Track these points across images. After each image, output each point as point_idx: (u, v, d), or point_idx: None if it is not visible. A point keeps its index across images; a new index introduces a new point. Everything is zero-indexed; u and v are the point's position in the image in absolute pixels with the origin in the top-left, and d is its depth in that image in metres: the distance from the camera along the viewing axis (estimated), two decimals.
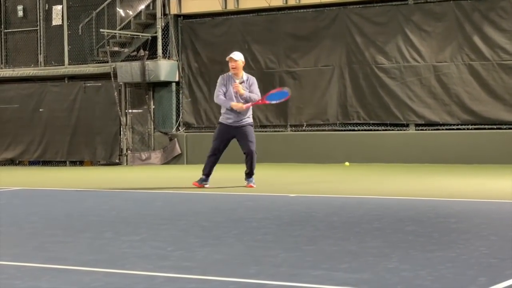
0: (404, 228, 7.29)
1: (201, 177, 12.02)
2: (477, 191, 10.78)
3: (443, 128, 16.81)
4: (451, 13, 16.69)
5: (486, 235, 6.68)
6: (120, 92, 20.00)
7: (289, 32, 18.46)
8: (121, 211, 9.25)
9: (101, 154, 20.23)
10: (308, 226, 7.56)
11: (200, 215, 8.61)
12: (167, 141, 19.51)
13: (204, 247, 6.38)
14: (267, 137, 18.58)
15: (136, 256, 6.03)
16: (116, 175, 16.38)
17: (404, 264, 5.46)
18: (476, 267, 5.29)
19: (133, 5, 20.52)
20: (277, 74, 18.62)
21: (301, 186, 12.15)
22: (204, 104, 19.45)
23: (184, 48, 19.70)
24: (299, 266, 5.48)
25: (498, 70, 16.28)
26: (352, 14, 17.75)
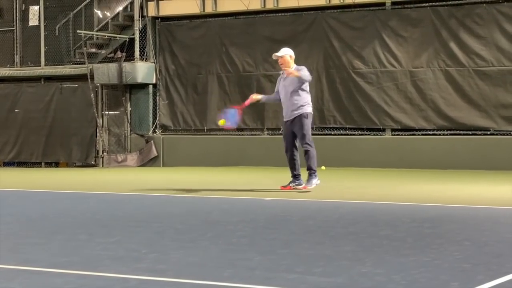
0: (379, 232, 7.32)
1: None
2: (452, 197, 10.84)
3: (418, 133, 16.90)
4: (428, 19, 16.78)
5: (460, 240, 6.72)
6: (97, 94, 19.91)
7: (267, 36, 18.48)
8: (95, 213, 9.20)
9: (76, 155, 20.13)
10: (284, 229, 7.57)
11: (175, 218, 8.59)
12: (144, 143, 19.46)
13: (178, 249, 6.37)
14: (244, 140, 18.58)
15: (110, 258, 6.00)
16: (92, 176, 16.31)
17: (378, 268, 5.47)
18: (449, 271, 5.32)
19: (111, 7, 20.45)
20: (254, 77, 18.63)
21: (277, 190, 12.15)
22: (181, 106, 19.42)
23: (161, 50, 19.66)
24: (274, 270, 5.48)
25: (473, 76, 16.38)
26: (330, 19, 17.79)
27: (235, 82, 18.86)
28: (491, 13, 16.23)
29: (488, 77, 16.25)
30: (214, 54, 19.06)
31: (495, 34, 16.18)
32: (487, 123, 16.25)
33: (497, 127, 16.17)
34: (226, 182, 14.16)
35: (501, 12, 16.17)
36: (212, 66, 19.09)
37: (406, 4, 17.06)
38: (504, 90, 16.12)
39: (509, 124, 16.07)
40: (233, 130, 18.82)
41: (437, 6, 16.73)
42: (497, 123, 16.17)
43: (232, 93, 18.84)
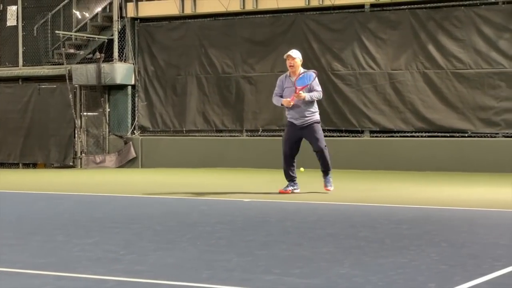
0: (357, 234, 7.34)
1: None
2: (430, 198, 10.89)
3: (397, 135, 16.96)
4: (407, 21, 16.86)
5: (437, 242, 6.75)
6: (75, 95, 19.84)
7: (246, 37, 18.49)
8: (73, 214, 9.16)
9: (55, 156, 20.03)
10: (262, 231, 7.57)
11: (153, 219, 8.57)
12: (122, 144, 19.40)
13: (156, 251, 6.36)
14: (223, 142, 18.58)
15: (88, 259, 5.98)
16: (70, 178, 16.24)
17: (356, 269, 5.49)
18: (426, 273, 5.34)
19: (90, 7, 20.38)
20: (233, 79, 18.63)
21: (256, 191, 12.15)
22: (160, 107, 19.39)
23: (140, 51, 19.61)
24: (252, 271, 5.48)
25: (451, 79, 16.48)
26: (309, 21, 17.83)
27: (214, 84, 18.85)
28: (469, 16, 16.33)
29: (466, 79, 16.34)
30: (193, 56, 19.04)
31: (473, 37, 16.28)
32: (465, 125, 16.34)
33: (475, 129, 16.27)
34: (205, 183, 14.14)
35: (479, 15, 16.28)
36: (191, 68, 19.07)
37: (385, 6, 17.13)
38: (481, 92, 16.23)
39: (487, 126, 16.17)
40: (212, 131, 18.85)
41: (416, 8, 16.82)
42: (474, 125, 16.27)
43: (211, 94, 18.83)
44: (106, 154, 19.54)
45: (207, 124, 18.87)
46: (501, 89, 16.10)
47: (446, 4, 16.59)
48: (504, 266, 5.51)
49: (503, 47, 16.10)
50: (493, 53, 16.14)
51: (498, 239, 6.89)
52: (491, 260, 5.77)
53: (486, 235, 7.18)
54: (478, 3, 16.36)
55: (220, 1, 18.41)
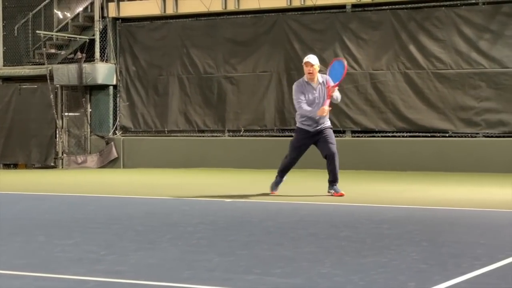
0: (338, 233, 7.36)
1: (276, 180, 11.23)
2: (411, 198, 10.93)
3: (378, 135, 17.01)
4: (388, 21, 16.91)
5: (418, 241, 6.78)
6: (56, 95, 19.76)
7: (228, 38, 18.49)
8: (54, 215, 9.13)
9: (36, 157, 19.94)
10: (243, 231, 7.58)
11: (134, 219, 8.55)
12: (104, 144, 19.34)
13: (137, 251, 6.35)
14: (204, 142, 18.56)
15: (68, 260, 5.96)
16: (51, 178, 16.18)
17: (337, 269, 5.51)
18: (406, 272, 5.36)
19: (71, 7, 20.31)
20: (215, 79, 18.62)
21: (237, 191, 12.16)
22: (141, 108, 19.34)
23: (122, 52, 19.56)
24: (233, 271, 5.48)
25: (432, 79, 16.55)
26: (291, 21, 17.85)
27: (196, 84, 18.83)
28: (450, 17, 16.41)
29: (447, 79, 16.42)
30: (175, 56, 19.01)
31: (454, 37, 16.36)
32: (446, 125, 16.42)
33: (456, 129, 16.35)
34: (187, 183, 14.13)
35: (460, 16, 16.36)
36: (173, 68, 19.05)
37: (367, 6, 17.18)
38: (462, 92, 16.31)
39: (467, 126, 16.25)
40: (194, 131, 18.84)
41: (397, 9, 16.88)
42: (455, 125, 16.35)
43: (193, 94, 18.82)
44: (87, 154, 19.48)
45: (189, 125, 18.85)
46: (481, 89, 16.19)
47: (427, 4, 16.66)
48: (483, 265, 5.55)
49: (483, 48, 16.19)
50: (474, 53, 16.22)
51: (478, 239, 6.93)
52: (470, 259, 5.80)
53: (466, 235, 7.22)
54: (459, 3, 16.44)
55: (202, 1, 18.39)
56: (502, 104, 16.02)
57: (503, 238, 6.99)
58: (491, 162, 15.73)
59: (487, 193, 11.51)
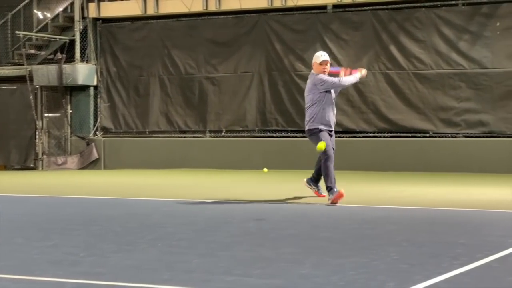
0: (319, 234, 7.36)
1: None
2: (391, 198, 10.96)
3: (360, 136, 17.04)
4: (369, 22, 16.95)
5: (398, 241, 6.79)
6: (36, 96, 19.65)
7: (209, 38, 18.46)
8: (33, 216, 9.07)
9: (15, 158, 19.83)
10: (223, 232, 7.56)
11: (114, 221, 8.51)
12: (84, 145, 19.26)
13: (117, 252, 6.31)
14: (186, 143, 18.53)
15: (47, 262, 5.92)
16: (31, 179, 16.08)
17: (317, 270, 5.50)
18: (386, 272, 5.37)
19: (51, 7, 20.21)
20: (196, 79, 18.59)
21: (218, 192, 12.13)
22: (122, 108, 19.28)
23: (102, 52, 19.49)
24: (213, 272, 5.46)
25: (413, 79, 16.60)
26: (272, 21, 17.86)
27: (177, 84, 18.79)
28: (430, 17, 16.47)
29: (427, 80, 16.48)
30: (156, 56, 18.96)
31: (434, 38, 16.42)
32: (426, 125, 16.47)
33: (436, 130, 16.41)
34: (168, 184, 14.10)
35: (440, 17, 16.42)
36: (154, 68, 19.00)
37: (347, 7, 17.21)
38: (442, 93, 16.37)
39: (447, 127, 16.32)
40: (175, 132, 18.79)
41: (378, 9, 16.92)
42: (435, 125, 16.41)
43: (174, 95, 18.78)
44: (68, 155, 19.39)
45: (170, 125, 18.81)
46: (461, 90, 16.26)
47: (407, 5, 16.72)
48: (462, 264, 5.56)
49: (463, 48, 16.26)
50: (454, 54, 16.29)
51: (457, 238, 6.95)
52: (450, 259, 5.82)
53: (446, 234, 7.24)
54: (439, 4, 16.51)
55: (183, 2, 18.36)
56: (481, 105, 16.10)
57: (482, 238, 7.02)
58: (471, 162, 15.80)
59: (467, 193, 11.55)
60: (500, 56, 16.00)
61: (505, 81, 15.95)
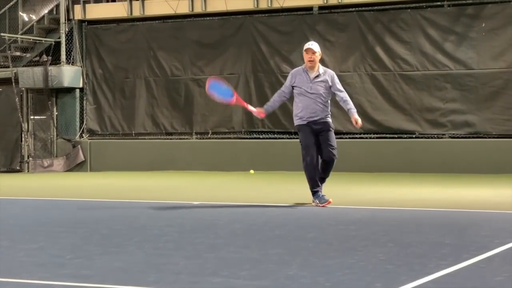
0: (305, 235, 7.36)
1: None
2: (377, 199, 10.98)
3: (346, 137, 17.07)
4: (354, 23, 16.99)
5: (384, 242, 6.80)
6: (22, 98, 19.59)
7: (195, 40, 18.46)
8: (19, 219, 9.03)
9: (1, 160, 19.76)
10: (210, 233, 7.55)
11: (101, 223, 8.49)
12: (70, 148, 19.21)
13: (103, 255, 6.30)
14: (172, 144, 18.50)
15: (33, 264, 5.90)
16: (17, 182, 16.02)
17: (304, 271, 5.50)
18: (373, 273, 5.37)
19: (36, 10, 20.15)
20: (182, 81, 18.58)
21: (205, 194, 12.13)
22: (108, 110, 19.24)
23: (88, 54, 19.45)
24: (199, 274, 5.46)
25: (399, 80, 16.65)
26: (258, 23, 17.87)
27: (163, 86, 18.77)
28: (415, 19, 16.53)
29: (413, 81, 16.54)
30: (142, 58, 18.95)
31: (419, 39, 16.48)
32: (412, 126, 16.53)
33: (422, 131, 16.47)
34: (154, 186, 14.08)
35: (425, 18, 16.48)
36: (140, 70, 18.98)
37: (333, 8, 17.24)
38: (428, 94, 16.43)
39: (433, 128, 16.37)
40: (162, 134, 18.77)
41: (363, 11, 16.96)
42: (421, 126, 16.46)
43: (160, 97, 18.76)
44: (54, 158, 19.33)
45: (156, 127, 18.79)
46: (447, 91, 16.32)
47: (393, 6, 16.77)
48: (449, 265, 5.58)
49: (448, 49, 16.32)
50: (439, 55, 16.35)
51: (443, 239, 6.97)
52: (436, 259, 5.83)
53: (432, 235, 7.26)
54: (424, 5, 16.57)
55: (169, 4, 18.35)
56: (467, 106, 16.16)
57: (468, 238, 7.04)
58: (457, 163, 15.86)
59: (453, 193, 11.60)
60: (485, 57, 16.07)
61: (490, 82, 16.02)
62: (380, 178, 14.96)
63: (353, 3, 16.98)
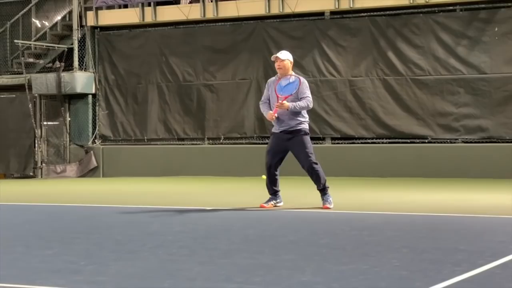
0: (319, 241, 7.35)
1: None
2: (390, 204, 10.96)
3: (358, 142, 17.06)
4: (366, 28, 16.98)
5: (398, 248, 6.78)
6: (35, 104, 19.67)
7: (207, 45, 18.49)
8: (33, 225, 9.06)
9: (14, 166, 19.82)
10: (223, 239, 7.55)
11: (114, 229, 8.50)
12: (83, 153, 19.26)
13: (118, 261, 6.31)
14: (184, 150, 18.53)
15: (48, 270, 5.91)
16: (30, 188, 16.07)
17: (318, 276, 5.49)
18: (387, 279, 5.36)
19: (49, 16, 20.24)
20: (194, 87, 18.61)
21: (217, 199, 12.13)
22: (120, 116, 19.29)
23: (101, 60, 19.51)
24: (213, 280, 5.46)
25: (411, 85, 16.62)
26: (270, 28, 17.88)
27: (175, 92, 18.81)
28: (428, 23, 16.51)
29: (425, 86, 16.50)
30: (154, 64, 18.99)
31: (432, 44, 16.45)
32: (425, 131, 16.49)
33: (435, 135, 16.43)
34: (167, 192, 14.09)
35: (437, 22, 16.46)
36: (152, 76, 19.02)
37: (345, 14, 17.24)
38: (441, 98, 16.39)
39: (446, 132, 16.33)
40: (174, 139, 18.80)
41: (375, 16, 16.95)
42: (434, 131, 16.43)
43: (172, 102, 18.80)
44: (67, 163, 19.38)
45: (169, 133, 18.82)
46: (459, 95, 16.28)
47: (405, 11, 16.75)
48: (464, 271, 5.55)
49: (461, 54, 16.29)
50: (452, 59, 16.32)
51: (458, 245, 6.94)
52: (451, 265, 5.81)
53: (446, 241, 7.23)
54: (436, 10, 16.55)
55: (181, 9, 18.39)
56: (480, 110, 16.12)
57: (483, 244, 7.01)
58: (470, 167, 15.81)
59: (466, 198, 11.56)
60: (498, 61, 16.03)
61: (503, 86, 15.98)
62: (392, 183, 14.92)
63: (365, 8, 16.97)
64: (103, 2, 19.00)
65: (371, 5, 16.87)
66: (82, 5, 19.33)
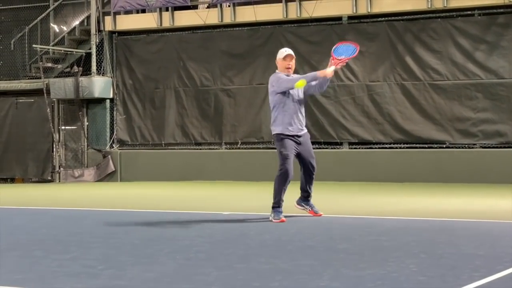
0: (336, 246, 7.34)
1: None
2: (408, 209, 10.92)
3: (376, 147, 17.02)
4: (384, 33, 16.94)
5: (416, 253, 6.76)
6: (53, 109, 19.76)
7: (224, 50, 18.51)
8: (51, 229, 9.10)
9: (33, 171, 19.92)
10: (241, 244, 7.55)
11: (132, 233, 8.52)
12: (101, 158, 19.33)
13: (135, 265, 6.32)
14: (202, 155, 18.55)
15: (66, 274, 5.93)
16: (48, 192, 16.14)
17: (335, 282, 5.48)
18: (405, 284, 5.34)
19: (67, 21, 20.34)
20: (212, 91, 18.63)
21: (235, 204, 12.13)
22: (138, 121, 19.34)
23: (118, 65, 19.58)
24: (231, 285, 5.46)
25: (429, 90, 16.57)
26: (287, 33, 17.88)
27: (192, 97, 18.84)
28: (446, 28, 16.45)
29: (443, 91, 16.44)
30: (172, 69, 19.03)
31: (450, 48, 16.40)
32: (443, 136, 16.43)
33: (453, 140, 16.36)
34: (184, 196, 14.11)
35: (455, 27, 16.40)
36: (169, 81, 19.06)
37: (363, 18, 17.21)
38: (459, 103, 16.33)
39: (464, 137, 16.26)
40: (191, 144, 18.83)
41: (393, 20, 16.91)
42: (452, 136, 16.36)
43: (190, 107, 18.82)
44: (84, 168, 19.45)
45: (186, 137, 18.85)
46: (478, 100, 16.21)
47: (423, 16, 16.70)
48: (482, 276, 5.53)
49: (479, 59, 16.22)
50: (470, 64, 16.25)
51: (476, 250, 6.91)
52: (469, 270, 5.79)
53: (465, 246, 7.20)
54: (455, 15, 16.49)
55: (198, 14, 18.43)
56: (498, 115, 16.04)
57: (501, 249, 6.98)
58: (488, 172, 15.73)
59: (485, 204, 11.50)
60: None
61: None
62: (410, 188, 14.88)
63: (382, 13, 16.94)
64: (121, 7, 19.08)
65: (389, 10, 16.83)
66: (100, 10, 19.41)
